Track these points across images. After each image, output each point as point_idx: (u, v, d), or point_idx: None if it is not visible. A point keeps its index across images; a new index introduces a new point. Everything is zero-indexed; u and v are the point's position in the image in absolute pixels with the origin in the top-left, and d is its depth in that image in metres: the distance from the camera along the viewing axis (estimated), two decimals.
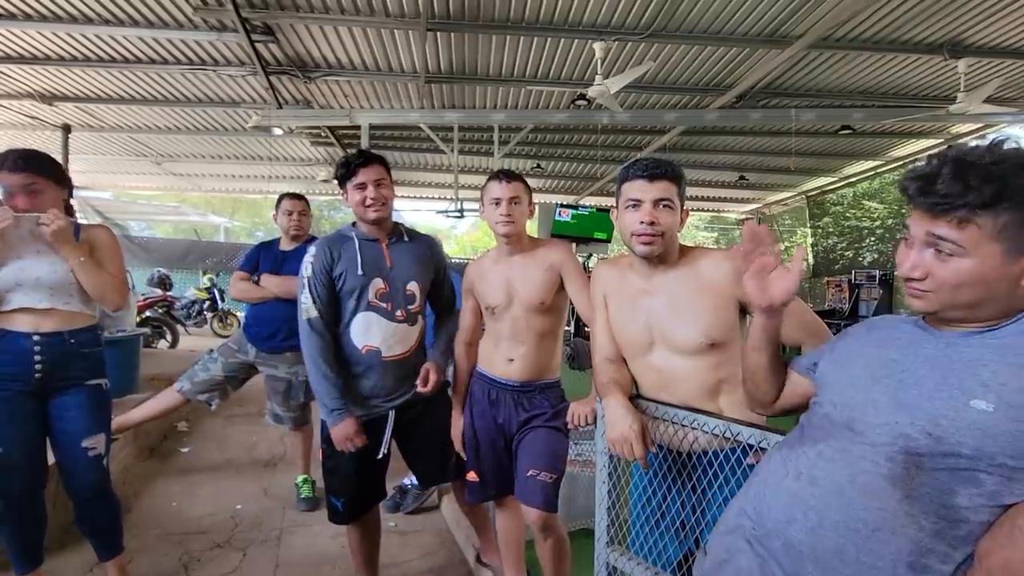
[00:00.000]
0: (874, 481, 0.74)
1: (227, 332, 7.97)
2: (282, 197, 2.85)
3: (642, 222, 1.26)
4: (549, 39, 4.60)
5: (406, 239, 1.87)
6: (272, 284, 2.71)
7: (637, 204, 1.28)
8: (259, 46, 4.64)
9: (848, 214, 11.61)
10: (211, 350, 3.00)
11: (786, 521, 0.80)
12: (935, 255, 0.76)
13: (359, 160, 1.76)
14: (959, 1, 4.01)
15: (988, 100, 4.95)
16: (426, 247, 1.91)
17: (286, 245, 2.83)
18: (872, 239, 9.62)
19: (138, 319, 6.17)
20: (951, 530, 0.69)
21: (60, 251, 1.70)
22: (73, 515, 1.88)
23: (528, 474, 1.72)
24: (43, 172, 1.71)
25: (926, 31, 4.45)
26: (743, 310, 1.29)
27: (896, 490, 0.72)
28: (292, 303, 2.62)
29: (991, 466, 0.68)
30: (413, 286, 1.81)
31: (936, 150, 0.82)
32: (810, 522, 0.77)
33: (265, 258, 2.82)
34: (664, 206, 1.27)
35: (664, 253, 1.30)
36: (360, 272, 1.75)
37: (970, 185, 0.71)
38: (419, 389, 1.83)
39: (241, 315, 6.72)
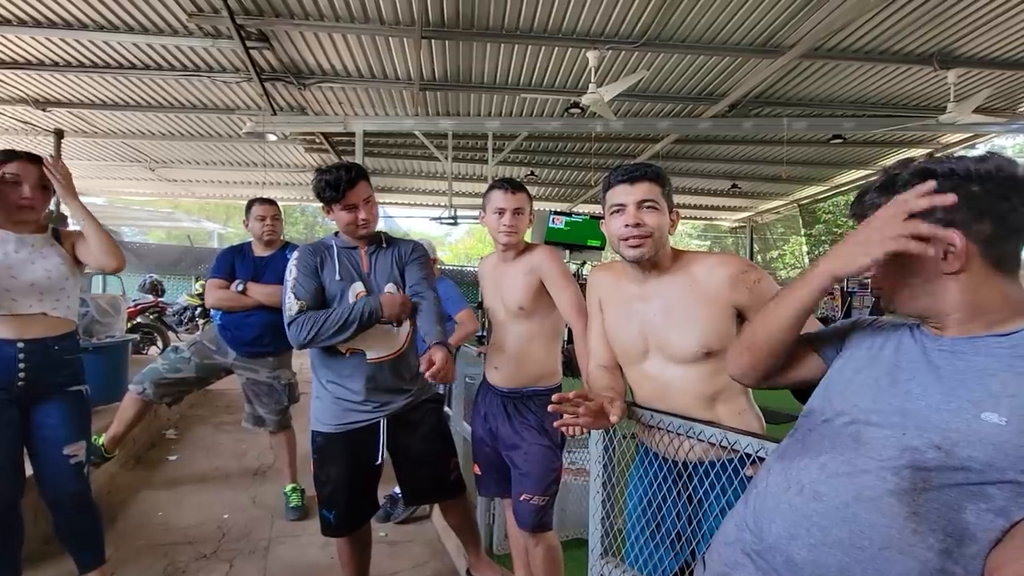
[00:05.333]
0: (880, 497, 0.71)
1: None
2: (252, 202, 2.76)
3: (627, 225, 1.23)
4: (543, 47, 4.63)
5: (384, 246, 1.86)
6: (259, 293, 2.64)
7: (621, 208, 1.25)
8: (254, 52, 4.64)
9: (840, 222, 11.69)
10: (176, 347, 2.86)
11: (788, 537, 0.77)
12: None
13: (347, 182, 1.70)
14: (949, 12, 4.07)
15: (978, 110, 5.02)
16: (404, 249, 1.88)
17: (260, 251, 2.75)
18: None
19: (128, 325, 6.09)
20: (959, 548, 0.67)
21: (70, 203, 1.75)
22: (52, 526, 1.82)
23: (521, 498, 1.74)
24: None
25: (916, 42, 4.51)
26: (740, 316, 1.27)
27: (903, 506, 0.69)
28: (277, 309, 2.58)
29: (1001, 481, 0.66)
30: (391, 288, 1.80)
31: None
32: (813, 539, 0.74)
33: (241, 265, 2.72)
34: (648, 207, 1.24)
35: (656, 257, 1.27)
36: (338, 277, 1.76)
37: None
38: (424, 374, 1.60)
39: None
